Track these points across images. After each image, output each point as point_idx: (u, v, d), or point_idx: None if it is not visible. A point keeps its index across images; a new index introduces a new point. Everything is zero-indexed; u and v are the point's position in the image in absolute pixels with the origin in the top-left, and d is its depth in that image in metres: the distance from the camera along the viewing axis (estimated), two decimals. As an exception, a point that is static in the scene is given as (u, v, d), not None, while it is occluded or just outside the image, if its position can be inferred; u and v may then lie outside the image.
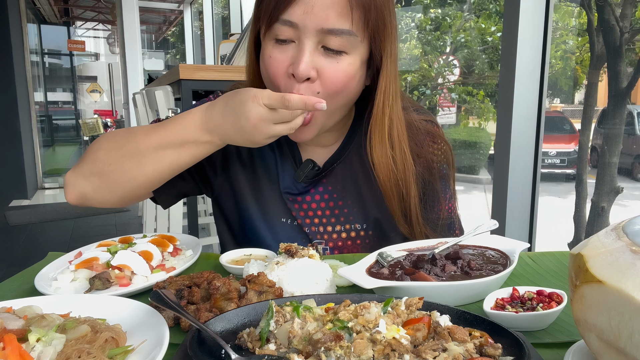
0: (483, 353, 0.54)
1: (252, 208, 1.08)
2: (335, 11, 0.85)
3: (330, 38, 0.87)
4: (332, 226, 1.07)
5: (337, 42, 0.87)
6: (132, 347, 0.58)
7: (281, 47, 0.89)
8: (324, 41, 0.87)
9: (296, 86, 0.88)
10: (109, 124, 12.20)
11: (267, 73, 0.93)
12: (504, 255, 0.90)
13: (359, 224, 1.08)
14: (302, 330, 0.57)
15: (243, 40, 2.61)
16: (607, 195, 3.16)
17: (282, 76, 0.90)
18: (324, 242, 1.07)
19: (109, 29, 14.31)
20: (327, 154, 1.08)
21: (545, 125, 1.77)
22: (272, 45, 0.90)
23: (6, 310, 0.63)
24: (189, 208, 2.30)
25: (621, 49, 3.03)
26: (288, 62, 0.89)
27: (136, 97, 3.51)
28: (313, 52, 0.87)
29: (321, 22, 0.85)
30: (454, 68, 6.53)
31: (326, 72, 0.88)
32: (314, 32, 0.86)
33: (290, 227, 1.07)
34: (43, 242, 4.69)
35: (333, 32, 0.86)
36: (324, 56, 0.88)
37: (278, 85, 0.91)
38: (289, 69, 0.89)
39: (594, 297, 0.46)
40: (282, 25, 0.87)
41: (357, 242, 1.08)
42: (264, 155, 1.08)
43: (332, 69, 0.89)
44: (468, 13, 6.33)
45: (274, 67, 0.90)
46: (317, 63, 0.88)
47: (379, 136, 0.97)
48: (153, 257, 0.93)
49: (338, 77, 0.89)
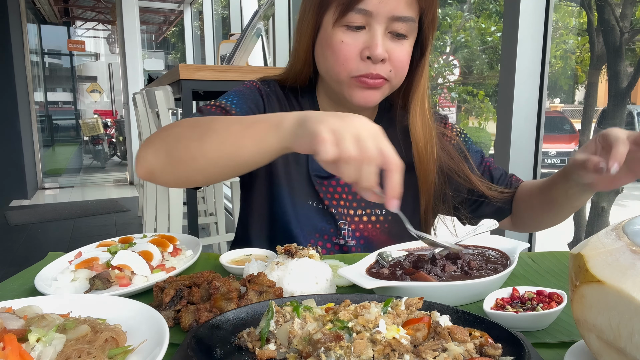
0: (483, 353, 0.54)
1: (284, 190, 1.11)
2: (404, 0, 0.97)
3: (398, 24, 0.98)
4: (354, 210, 1.13)
5: (403, 27, 0.99)
6: (132, 347, 0.58)
7: (353, 33, 0.99)
8: (391, 27, 0.99)
9: (372, 67, 0.99)
10: (109, 124, 12.19)
11: (336, 57, 1.00)
12: (504, 255, 0.90)
13: (379, 209, 1.14)
14: (302, 330, 0.57)
15: (243, 40, 2.60)
16: (607, 195, 3.17)
17: (353, 59, 0.99)
18: (347, 224, 1.12)
19: (109, 29, 14.30)
20: None
21: (545, 125, 1.77)
22: (342, 31, 0.99)
23: (6, 310, 0.63)
24: (189, 208, 2.29)
25: (621, 49, 3.02)
26: (361, 46, 0.99)
27: (136, 97, 3.51)
28: (384, 37, 0.98)
29: (392, 10, 0.97)
30: (454, 68, 6.53)
31: (395, 54, 1.00)
32: (385, 19, 0.97)
33: (315, 210, 1.12)
34: (43, 242, 4.69)
35: (401, 19, 0.98)
36: (391, 40, 1.00)
37: (348, 68, 1.00)
38: (363, 52, 0.99)
39: (594, 297, 0.46)
40: (357, 14, 0.97)
41: (377, 226, 1.14)
42: None
43: (399, 51, 1.01)
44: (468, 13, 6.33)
45: (345, 51, 0.99)
46: (387, 46, 0.99)
47: (421, 109, 1.10)
48: (153, 257, 0.93)
49: (404, 58, 1.02)
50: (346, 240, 1.12)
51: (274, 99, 1.14)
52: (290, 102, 1.16)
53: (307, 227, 1.11)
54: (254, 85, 1.15)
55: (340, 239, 1.12)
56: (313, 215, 1.11)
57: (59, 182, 8.27)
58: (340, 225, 1.12)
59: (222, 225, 3.73)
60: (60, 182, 8.30)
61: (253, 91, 1.13)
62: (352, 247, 1.11)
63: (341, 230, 1.12)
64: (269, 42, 3.98)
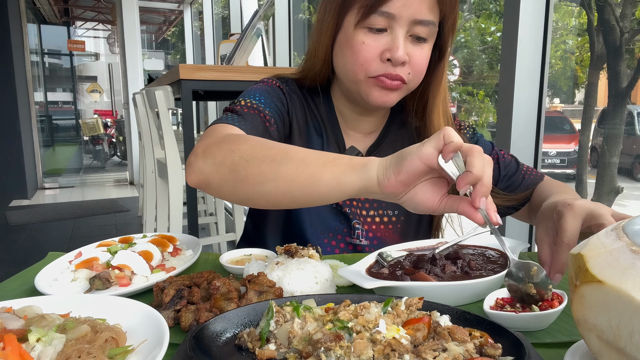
0: (483, 353, 0.54)
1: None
2: (426, 4, 0.97)
3: (420, 28, 0.98)
4: (366, 210, 1.14)
5: (424, 31, 0.99)
6: (132, 347, 0.58)
7: (375, 35, 0.99)
8: (412, 30, 0.99)
9: (391, 69, 0.99)
10: (109, 124, 12.19)
11: (356, 57, 1.00)
12: (504, 255, 0.90)
13: (391, 210, 1.15)
14: (302, 330, 0.57)
15: (243, 40, 2.60)
16: (607, 195, 3.16)
17: (374, 61, 0.99)
18: (360, 224, 1.13)
19: (109, 29, 14.29)
20: (366, 143, 1.17)
21: (545, 125, 1.77)
22: (364, 33, 0.99)
23: (6, 310, 0.63)
24: (189, 208, 2.29)
25: (621, 49, 3.02)
26: (382, 48, 0.99)
27: (136, 97, 3.51)
28: (405, 40, 0.99)
29: (415, 13, 0.96)
30: (454, 68, 6.53)
31: (415, 58, 1.01)
32: (408, 22, 0.97)
33: (329, 209, 1.13)
34: (43, 242, 4.69)
35: (422, 23, 0.98)
36: (412, 43, 1.00)
37: (367, 69, 1.00)
38: (384, 54, 0.99)
39: (594, 297, 0.46)
40: (380, 16, 0.97)
41: (389, 226, 1.15)
42: (311, 139, 1.14)
43: (419, 55, 1.01)
44: (468, 13, 6.33)
45: (366, 52, 0.99)
46: (408, 49, 0.99)
47: (443, 109, 1.11)
48: (153, 257, 0.93)
49: (423, 61, 1.03)
50: (360, 240, 1.12)
51: (294, 97, 1.14)
52: (308, 102, 1.16)
53: (320, 226, 1.12)
54: (274, 84, 1.14)
55: (354, 239, 1.12)
56: (327, 214, 1.12)
57: (59, 182, 8.26)
58: (354, 225, 1.12)
59: (222, 225, 3.73)
60: (60, 182, 8.30)
61: (275, 89, 1.12)
62: (365, 246, 1.12)
63: (355, 229, 1.12)
64: (269, 42, 3.97)
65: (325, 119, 1.15)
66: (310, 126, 1.14)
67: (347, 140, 1.16)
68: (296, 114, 1.13)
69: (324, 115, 1.15)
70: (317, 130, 1.14)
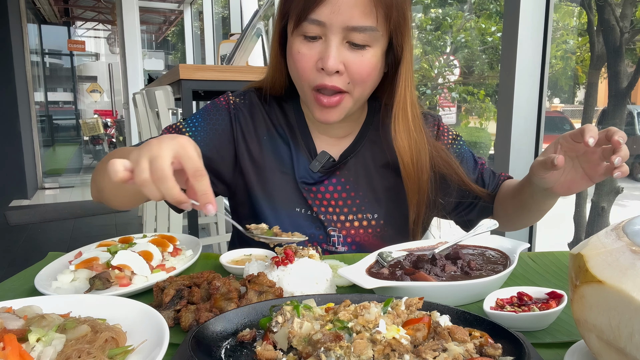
0: (483, 353, 0.54)
1: (263, 200, 1.10)
2: (359, 10, 0.92)
3: (355, 34, 0.94)
4: (344, 215, 1.11)
5: (361, 37, 0.94)
6: (132, 347, 0.58)
7: (309, 44, 0.96)
8: (348, 37, 0.94)
9: (327, 79, 0.96)
10: (109, 124, 12.20)
11: (296, 67, 0.99)
12: (504, 255, 0.90)
13: (370, 214, 1.12)
14: (302, 330, 0.57)
15: (243, 40, 2.61)
16: (607, 195, 3.16)
17: (310, 70, 0.97)
18: (337, 231, 1.11)
19: (109, 29, 14.31)
20: (340, 147, 1.14)
21: (545, 125, 1.77)
22: (299, 41, 0.97)
23: (6, 310, 0.63)
24: (189, 208, 2.29)
25: (621, 49, 3.02)
26: (316, 57, 0.96)
27: (136, 97, 3.50)
28: (339, 48, 0.94)
29: (347, 20, 0.92)
30: (454, 68, 6.53)
31: (353, 65, 0.96)
32: (340, 29, 0.93)
33: (304, 217, 1.11)
34: (43, 242, 4.69)
35: (357, 29, 0.93)
36: (350, 50, 0.95)
37: (307, 79, 0.98)
38: (318, 63, 0.96)
39: (594, 297, 0.46)
40: (310, 24, 0.93)
41: (368, 231, 1.12)
42: (277, 149, 1.12)
43: (358, 62, 0.96)
44: (468, 13, 6.33)
45: (303, 62, 0.97)
46: (343, 57, 0.95)
47: (403, 120, 1.04)
48: (153, 257, 0.93)
49: (363, 69, 0.97)
50: (336, 247, 1.10)
51: (245, 112, 1.12)
52: (272, 109, 1.14)
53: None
54: (224, 101, 1.13)
55: (330, 246, 1.10)
56: (301, 222, 1.10)
57: (59, 182, 8.26)
58: (330, 232, 1.10)
59: (222, 225, 3.73)
60: (60, 182, 8.30)
61: (220, 109, 1.12)
62: (342, 253, 1.10)
63: (330, 237, 1.10)
64: (269, 42, 3.97)
65: (294, 126, 1.13)
66: (274, 135, 1.12)
67: (319, 145, 1.13)
68: (248, 128, 1.11)
69: (293, 122, 1.13)
70: (283, 138, 1.12)
